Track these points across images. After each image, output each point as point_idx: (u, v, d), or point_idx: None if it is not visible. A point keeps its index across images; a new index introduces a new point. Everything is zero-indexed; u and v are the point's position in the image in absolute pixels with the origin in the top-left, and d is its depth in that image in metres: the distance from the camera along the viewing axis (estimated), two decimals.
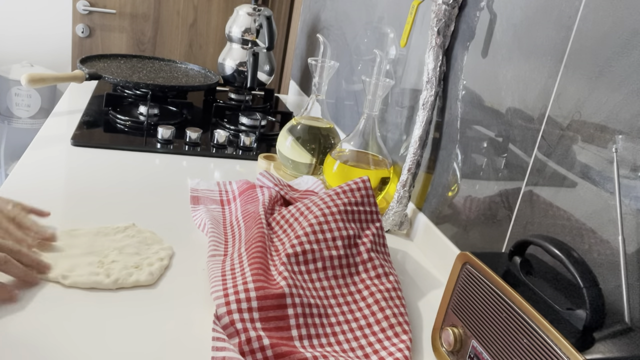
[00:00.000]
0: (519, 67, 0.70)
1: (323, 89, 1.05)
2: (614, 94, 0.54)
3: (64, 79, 1.25)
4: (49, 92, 2.31)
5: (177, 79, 1.46)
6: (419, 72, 0.96)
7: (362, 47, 1.24)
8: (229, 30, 1.50)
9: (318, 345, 0.60)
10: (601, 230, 0.55)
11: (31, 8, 2.35)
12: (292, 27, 2.14)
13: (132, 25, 2.08)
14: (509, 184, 0.70)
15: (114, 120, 1.23)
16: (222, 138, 1.17)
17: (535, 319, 0.47)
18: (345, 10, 1.39)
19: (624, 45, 0.54)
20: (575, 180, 0.59)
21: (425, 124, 0.86)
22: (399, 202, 0.90)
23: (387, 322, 0.64)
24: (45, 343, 0.54)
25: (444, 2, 0.82)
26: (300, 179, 1.01)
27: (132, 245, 0.71)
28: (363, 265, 0.71)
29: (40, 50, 2.41)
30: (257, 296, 0.60)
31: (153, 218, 0.82)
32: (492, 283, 0.53)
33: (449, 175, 0.84)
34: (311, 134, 1.05)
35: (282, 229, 0.75)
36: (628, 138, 0.53)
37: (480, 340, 0.54)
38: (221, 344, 0.54)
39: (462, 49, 0.83)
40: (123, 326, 0.58)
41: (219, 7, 2.14)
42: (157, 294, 0.65)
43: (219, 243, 0.75)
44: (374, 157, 0.96)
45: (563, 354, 0.44)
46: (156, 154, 1.10)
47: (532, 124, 0.67)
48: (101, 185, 0.90)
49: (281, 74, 2.24)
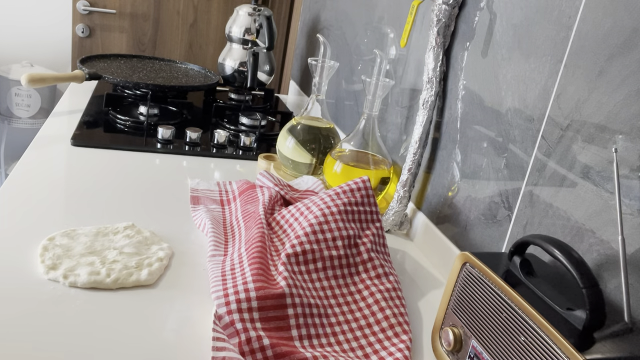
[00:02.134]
0: (519, 67, 0.70)
1: (323, 89, 1.05)
2: (614, 94, 0.54)
3: (64, 79, 1.25)
4: (49, 92, 2.31)
5: (177, 79, 1.46)
6: (419, 72, 0.96)
7: (362, 47, 1.24)
8: (229, 30, 1.50)
9: (318, 345, 0.60)
10: (601, 230, 0.55)
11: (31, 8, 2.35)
12: (292, 27, 2.14)
13: (132, 25, 2.08)
14: (509, 184, 0.70)
15: (114, 120, 1.23)
16: (222, 138, 1.17)
17: (535, 319, 0.47)
18: (345, 10, 1.39)
19: (624, 45, 0.54)
20: (575, 180, 0.59)
21: (425, 124, 0.86)
22: (399, 202, 0.90)
23: (387, 322, 0.64)
24: (45, 344, 0.54)
25: (444, 2, 0.82)
26: (300, 179, 1.01)
27: (132, 245, 0.71)
28: (363, 265, 0.71)
29: (40, 50, 2.41)
30: (257, 296, 0.60)
31: (153, 218, 0.82)
32: (492, 283, 0.53)
33: (449, 175, 0.84)
34: (311, 134, 1.05)
35: (282, 229, 0.75)
36: (628, 138, 0.53)
37: (480, 340, 0.54)
38: (221, 344, 0.54)
39: (462, 49, 0.83)
40: (123, 326, 0.58)
41: (219, 7, 2.14)
42: (157, 293, 0.65)
43: (219, 243, 0.75)
44: (374, 157, 0.96)
45: (563, 354, 0.44)
46: (156, 154, 1.10)
47: (532, 124, 0.67)
48: (101, 185, 0.90)
49: (281, 74, 2.24)
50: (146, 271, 0.66)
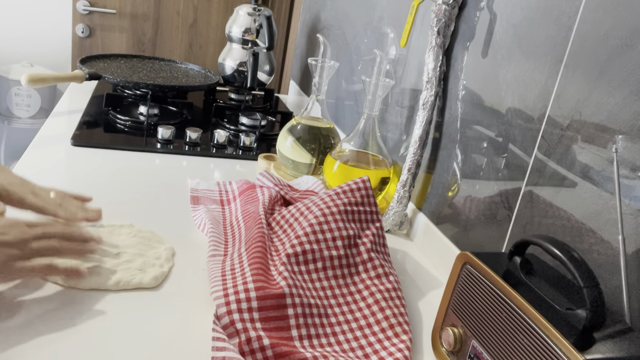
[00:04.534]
0: (519, 67, 0.70)
1: (323, 89, 1.05)
2: (614, 94, 0.54)
3: (64, 79, 1.25)
4: (49, 92, 2.31)
5: (177, 79, 1.46)
6: (419, 72, 0.96)
7: (362, 47, 1.24)
8: (229, 30, 1.50)
9: (318, 345, 0.60)
10: (601, 230, 0.55)
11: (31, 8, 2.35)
12: (292, 27, 2.14)
13: (132, 25, 2.08)
14: (509, 184, 0.70)
15: (114, 120, 1.23)
16: (222, 138, 1.17)
17: (535, 319, 0.47)
18: (345, 10, 1.39)
19: (624, 45, 0.54)
20: (575, 180, 0.59)
21: (425, 124, 0.86)
22: (399, 202, 0.90)
23: (387, 322, 0.64)
24: (45, 344, 0.54)
25: (444, 2, 0.82)
26: (300, 179, 1.01)
27: (134, 246, 0.71)
28: (363, 265, 0.71)
29: (40, 50, 2.41)
30: (257, 296, 0.60)
31: (153, 218, 0.82)
32: (492, 283, 0.53)
33: (449, 175, 0.84)
34: (311, 134, 1.05)
35: (282, 229, 0.75)
36: (628, 138, 0.53)
37: (480, 340, 0.54)
38: (221, 344, 0.54)
39: (462, 49, 0.83)
40: (122, 326, 0.58)
41: (219, 7, 2.14)
42: (156, 294, 0.65)
43: (219, 243, 0.75)
44: (374, 157, 0.96)
45: (563, 354, 0.44)
46: (156, 154, 1.10)
47: (532, 124, 0.67)
48: (101, 185, 0.90)
49: (281, 74, 2.24)
50: (150, 275, 0.66)
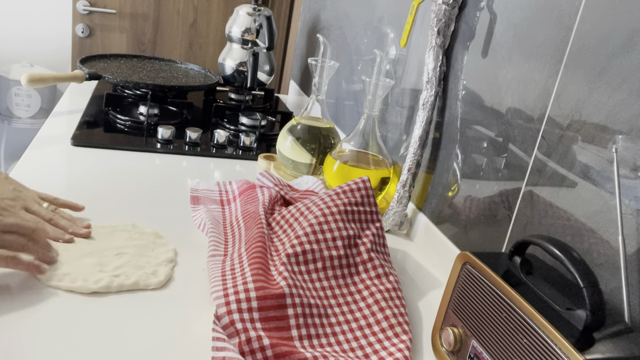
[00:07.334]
0: (519, 67, 0.70)
1: (323, 89, 1.05)
2: (614, 94, 0.54)
3: (64, 79, 1.25)
4: (49, 92, 2.31)
5: (177, 79, 1.46)
6: (419, 72, 0.96)
7: (362, 47, 1.24)
8: (229, 30, 1.50)
9: (318, 345, 0.60)
10: (601, 230, 0.55)
11: (31, 8, 2.35)
12: (292, 27, 2.14)
13: (132, 25, 2.08)
14: (509, 184, 0.70)
15: (114, 120, 1.23)
16: (222, 138, 1.17)
17: (535, 319, 0.47)
18: (345, 10, 1.39)
19: (624, 45, 0.54)
20: (575, 180, 0.59)
21: (425, 124, 0.86)
22: (399, 202, 0.90)
23: (387, 322, 0.64)
24: (45, 344, 0.54)
25: (444, 2, 0.82)
26: (300, 179, 1.01)
27: (135, 247, 0.71)
28: (363, 265, 0.71)
29: (40, 50, 2.41)
30: (257, 296, 0.60)
31: (153, 218, 0.82)
32: (492, 283, 0.53)
33: (449, 175, 0.84)
34: (311, 134, 1.05)
35: (282, 229, 0.75)
36: (628, 138, 0.53)
37: (480, 340, 0.54)
38: (221, 344, 0.54)
39: (462, 49, 0.83)
40: (122, 326, 0.58)
41: (219, 7, 2.14)
42: (156, 294, 0.65)
43: (219, 243, 0.75)
44: (374, 157, 0.96)
45: (563, 354, 0.44)
46: (156, 154, 1.10)
47: (532, 124, 0.67)
48: (101, 186, 0.90)
49: (281, 74, 2.24)
50: (152, 276, 0.65)
